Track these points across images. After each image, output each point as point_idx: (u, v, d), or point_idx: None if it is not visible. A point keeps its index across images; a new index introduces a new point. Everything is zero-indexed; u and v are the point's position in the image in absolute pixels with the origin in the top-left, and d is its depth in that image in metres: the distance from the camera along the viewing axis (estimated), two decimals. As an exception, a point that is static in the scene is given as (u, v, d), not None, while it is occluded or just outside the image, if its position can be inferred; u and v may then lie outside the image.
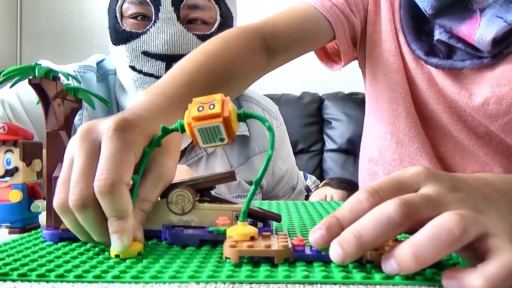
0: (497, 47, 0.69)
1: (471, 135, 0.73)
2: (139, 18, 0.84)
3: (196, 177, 0.44)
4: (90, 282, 0.31)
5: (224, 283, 0.30)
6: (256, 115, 0.39)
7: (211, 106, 0.37)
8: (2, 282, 0.31)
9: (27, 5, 2.79)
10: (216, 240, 0.40)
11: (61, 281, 0.31)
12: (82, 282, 0.31)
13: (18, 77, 0.46)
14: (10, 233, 0.47)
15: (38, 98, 0.46)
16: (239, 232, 0.36)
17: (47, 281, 0.31)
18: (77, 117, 0.55)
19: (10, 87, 0.53)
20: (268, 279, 0.31)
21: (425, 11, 0.71)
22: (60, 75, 0.47)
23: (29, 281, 0.31)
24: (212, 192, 0.46)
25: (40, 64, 0.46)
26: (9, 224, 0.48)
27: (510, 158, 0.71)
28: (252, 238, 0.36)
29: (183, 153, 0.93)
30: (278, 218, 0.46)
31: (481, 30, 0.67)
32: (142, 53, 0.83)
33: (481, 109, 0.70)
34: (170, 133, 0.40)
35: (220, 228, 0.40)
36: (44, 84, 0.45)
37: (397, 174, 0.35)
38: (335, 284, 0.30)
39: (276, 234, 0.40)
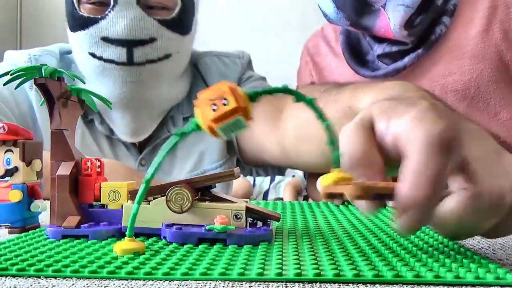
0: (414, 30, 0.75)
1: None
2: (97, 4, 0.82)
3: (195, 176, 0.45)
4: (87, 277, 0.31)
5: (223, 281, 0.31)
6: (268, 89, 0.37)
7: (225, 102, 0.35)
8: (4, 278, 0.31)
9: (27, 5, 2.80)
10: (214, 239, 0.41)
11: (59, 277, 0.32)
12: (78, 277, 0.31)
13: (24, 77, 0.47)
14: (10, 233, 0.48)
15: (43, 98, 0.47)
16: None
17: (46, 276, 0.32)
18: None
19: (16, 87, 0.53)
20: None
21: (345, 24, 0.79)
22: (64, 76, 0.48)
23: (27, 276, 0.32)
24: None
25: (46, 65, 0.46)
26: (9, 224, 0.48)
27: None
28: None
29: (150, 138, 0.92)
30: (277, 218, 0.46)
31: (392, 22, 0.74)
32: (101, 39, 0.81)
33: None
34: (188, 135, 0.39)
35: (217, 227, 0.40)
36: (49, 84, 0.46)
37: None
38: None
39: None
